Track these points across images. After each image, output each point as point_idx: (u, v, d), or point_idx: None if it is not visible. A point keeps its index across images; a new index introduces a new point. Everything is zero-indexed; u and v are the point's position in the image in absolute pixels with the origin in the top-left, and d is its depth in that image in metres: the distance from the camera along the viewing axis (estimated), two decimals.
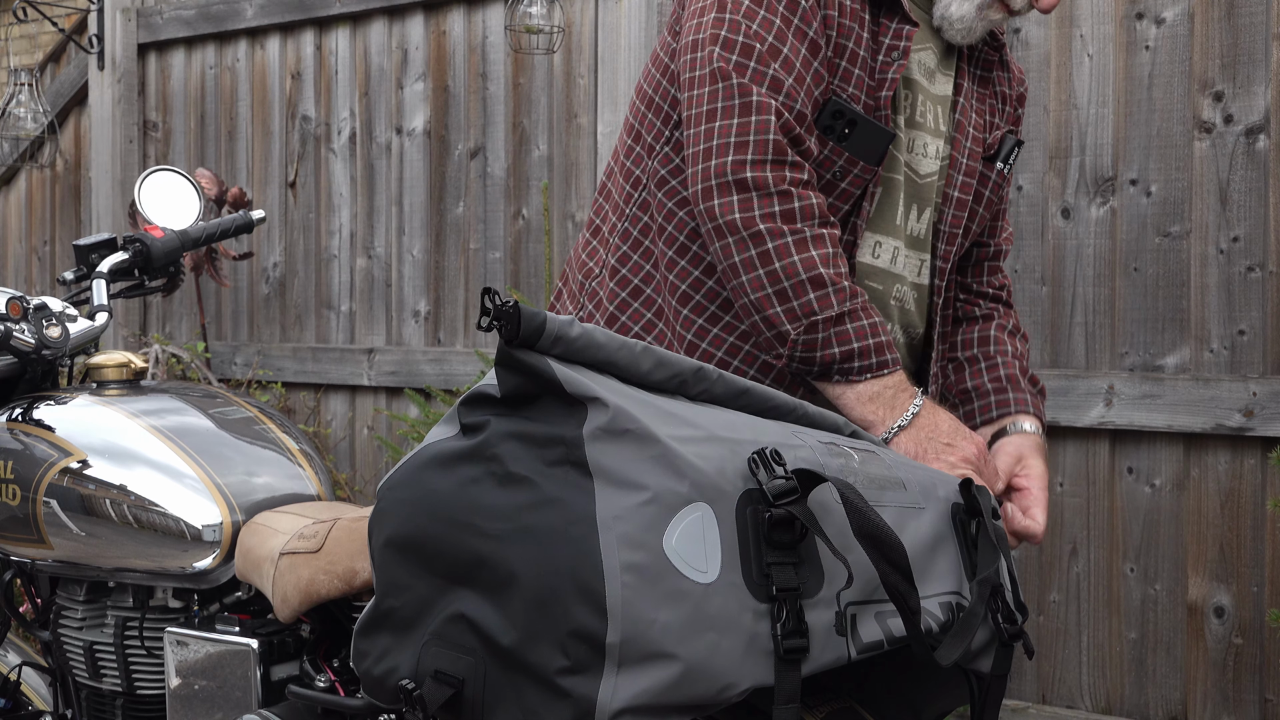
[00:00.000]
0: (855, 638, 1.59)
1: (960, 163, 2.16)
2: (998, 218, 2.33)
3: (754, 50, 1.93)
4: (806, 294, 1.90)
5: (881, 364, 1.94)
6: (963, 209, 2.17)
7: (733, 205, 1.90)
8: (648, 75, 2.14)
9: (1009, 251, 2.37)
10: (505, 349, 1.52)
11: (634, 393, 1.55)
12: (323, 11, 4.92)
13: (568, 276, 2.24)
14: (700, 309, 2.04)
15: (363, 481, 4.84)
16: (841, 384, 1.94)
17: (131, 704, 2.29)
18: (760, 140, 1.90)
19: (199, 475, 2.18)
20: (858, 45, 2.02)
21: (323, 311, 5.01)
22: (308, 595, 1.99)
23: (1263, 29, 3.28)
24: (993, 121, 2.22)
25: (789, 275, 1.89)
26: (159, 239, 2.63)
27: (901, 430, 1.94)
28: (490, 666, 1.49)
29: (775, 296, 1.90)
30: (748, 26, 1.94)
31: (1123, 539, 3.47)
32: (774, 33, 1.95)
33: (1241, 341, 3.30)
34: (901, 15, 2.05)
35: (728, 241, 1.91)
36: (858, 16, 2.02)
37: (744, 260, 1.90)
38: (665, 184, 2.06)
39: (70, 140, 5.82)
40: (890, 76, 2.03)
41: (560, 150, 4.40)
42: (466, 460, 1.53)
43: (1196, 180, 3.36)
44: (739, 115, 1.91)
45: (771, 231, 1.89)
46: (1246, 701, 3.32)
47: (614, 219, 2.15)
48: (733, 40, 1.94)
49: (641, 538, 1.44)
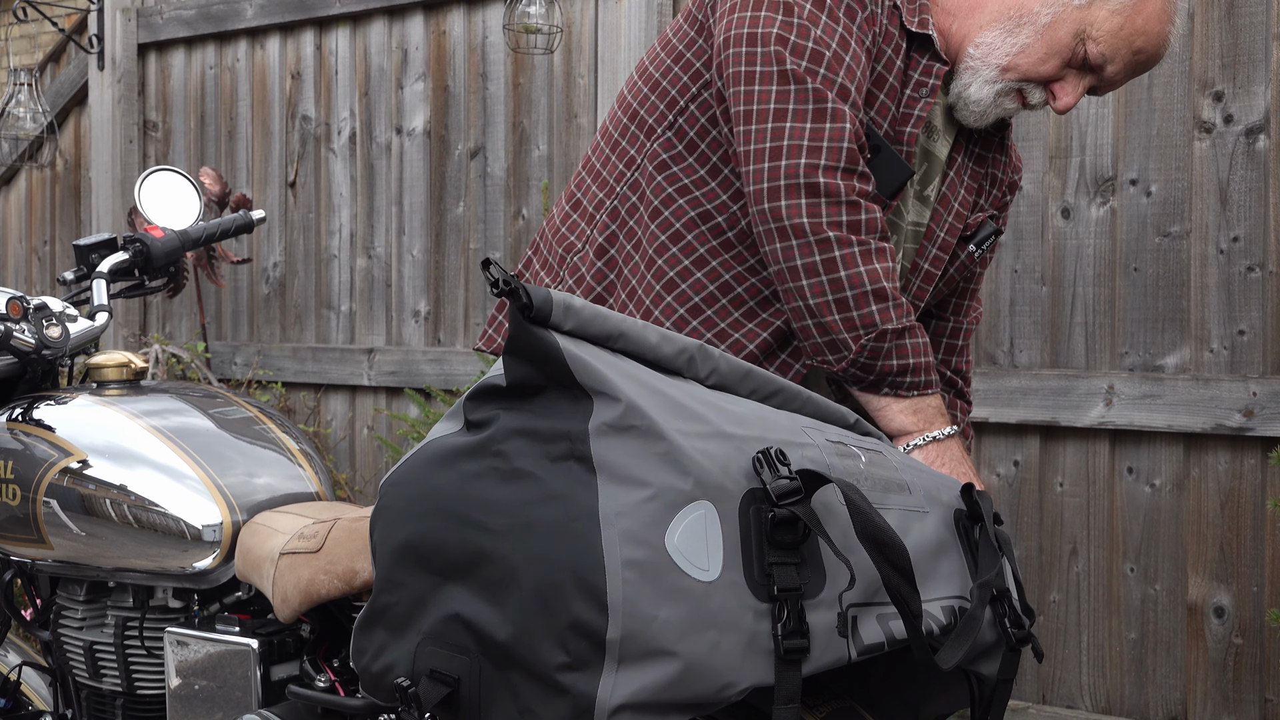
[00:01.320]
0: (856, 639, 1.58)
1: (936, 236, 2.14)
2: (965, 296, 2.29)
3: (823, 57, 1.91)
4: (869, 305, 1.88)
5: (928, 383, 1.95)
6: (929, 282, 2.15)
7: (801, 209, 1.87)
8: (654, 57, 2.10)
9: (971, 331, 2.32)
10: (515, 334, 1.52)
11: (645, 376, 1.54)
12: (323, 11, 4.92)
13: (540, 247, 2.20)
14: (684, 298, 2.02)
15: (363, 481, 4.84)
16: (889, 396, 1.94)
17: (131, 704, 2.29)
18: (835, 147, 1.87)
19: (199, 475, 2.18)
20: (888, 70, 2.00)
21: (323, 311, 5.01)
22: (308, 595, 1.99)
23: (1263, 29, 3.28)
24: (978, 202, 2.19)
25: (854, 285, 1.87)
26: (159, 239, 2.63)
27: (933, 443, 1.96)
28: (485, 665, 1.49)
29: (836, 304, 1.88)
30: (814, 32, 1.91)
31: (1123, 539, 3.47)
32: (837, 40, 1.92)
33: (1241, 341, 3.30)
34: (933, 53, 2.04)
35: (791, 244, 1.88)
36: (895, 44, 2.01)
37: (807, 265, 1.88)
38: (666, 168, 2.04)
39: (70, 140, 5.82)
40: (917, 113, 2.02)
41: (560, 150, 4.40)
42: (471, 456, 1.53)
43: (1196, 180, 3.36)
44: (813, 120, 1.88)
45: (840, 240, 1.87)
46: (1246, 701, 3.32)
47: (600, 194, 2.11)
48: (802, 45, 1.91)
49: (643, 534, 1.44)
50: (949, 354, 2.30)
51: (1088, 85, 2.09)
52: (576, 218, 2.15)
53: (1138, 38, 2.04)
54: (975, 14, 2.05)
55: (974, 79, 2.05)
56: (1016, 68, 2.04)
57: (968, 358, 2.32)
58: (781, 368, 2.03)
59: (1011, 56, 2.03)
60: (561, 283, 2.13)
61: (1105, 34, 2.03)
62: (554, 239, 2.17)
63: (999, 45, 2.04)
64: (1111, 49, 2.04)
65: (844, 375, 1.94)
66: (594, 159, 2.15)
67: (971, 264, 2.21)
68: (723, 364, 1.68)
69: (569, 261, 2.13)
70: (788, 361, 2.03)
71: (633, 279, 2.07)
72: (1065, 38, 2.03)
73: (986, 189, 2.21)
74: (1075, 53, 2.04)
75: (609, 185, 2.10)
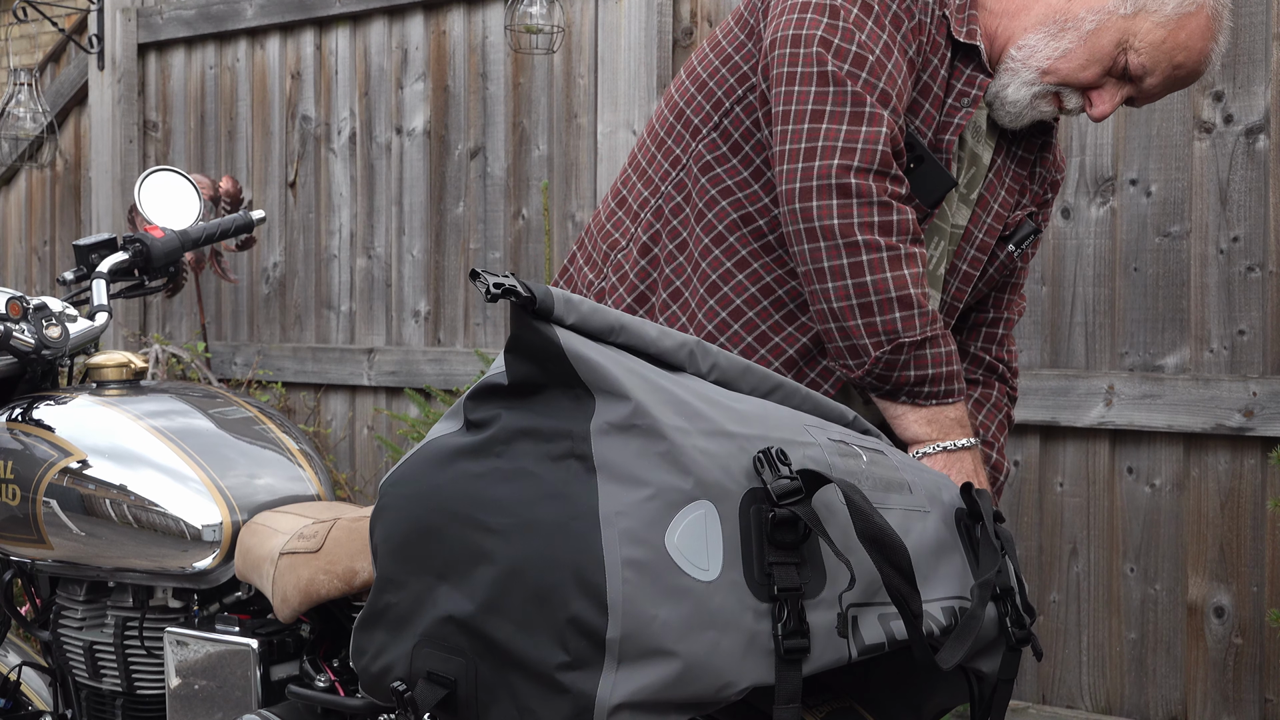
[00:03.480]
0: (856, 639, 1.59)
1: (975, 237, 2.13)
2: (1007, 290, 2.28)
3: (865, 61, 1.90)
4: (892, 313, 1.87)
5: (948, 392, 1.94)
6: (967, 283, 2.15)
7: (832, 210, 1.86)
8: (702, 58, 2.10)
9: (1015, 321, 2.31)
10: (517, 332, 1.51)
11: (648, 373, 1.54)
12: (323, 11, 4.92)
13: (585, 243, 2.21)
14: (727, 301, 2.02)
15: (363, 481, 4.84)
16: (906, 404, 1.94)
17: (131, 704, 2.29)
18: (869, 149, 1.86)
19: (199, 475, 2.18)
20: (933, 79, 2.00)
21: (323, 311, 5.01)
22: (307, 595, 2.00)
23: (1263, 29, 3.28)
24: (1019, 202, 2.18)
25: (878, 291, 1.86)
26: (159, 239, 2.63)
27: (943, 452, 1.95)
28: (481, 666, 1.49)
29: (859, 309, 1.87)
30: (859, 36, 1.91)
31: (1123, 539, 3.47)
32: (881, 46, 1.92)
33: (1241, 341, 3.30)
34: (978, 64, 2.04)
35: (819, 246, 1.87)
36: (940, 52, 2.01)
37: (834, 267, 1.87)
38: (710, 170, 2.04)
39: (70, 140, 5.82)
40: (957, 121, 2.01)
41: (560, 150, 4.40)
42: (471, 456, 1.53)
43: (1196, 180, 3.36)
44: (849, 122, 1.87)
45: (869, 244, 1.86)
46: (1246, 701, 3.32)
47: (645, 193, 2.11)
48: (845, 49, 1.90)
49: (644, 534, 1.44)
50: (988, 342, 2.28)
51: (1125, 95, 2.09)
52: (621, 215, 2.15)
53: (1179, 52, 2.04)
54: (1021, 16, 2.06)
55: (1013, 79, 2.06)
56: (1056, 71, 2.04)
57: (1010, 347, 2.30)
58: (823, 373, 2.02)
59: (1053, 60, 2.04)
60: (605, 278, 2.13)
61: (1148, 45, 2.03)
62: (599, 235, 2.18)
63: (1041, 48, 2.04)
64: (1152, 61, 2.04)
65: (862, 381, 1.93)
66: (640, 157, 2.15)
67: (1011, 263, 2.20)
68: (722, 359, 1.68)
69: (613, 258, 2.13)
70: (829, 369, 2.02)
71: (676, 279, 2.07)
72: (1108, 46, 2.03)
73: (1030, 186, 2.20)
74: (1116, 62, 2.04)
75: (654, 184, 2.11)
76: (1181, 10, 2.02)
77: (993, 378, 2.28)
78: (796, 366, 2.02)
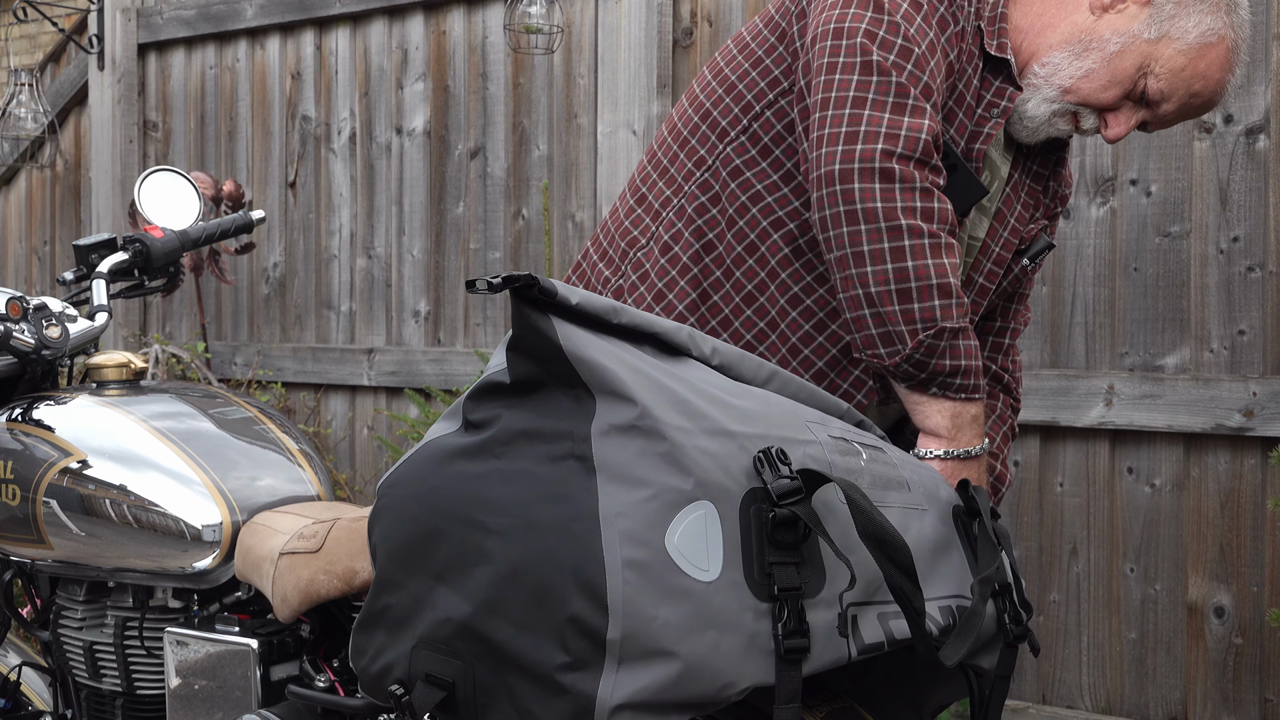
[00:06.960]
0: (856, 638, 1.59)
1: (991, 250, 2.13)
2: (1015, 300, 2.28)
3: (911, 54, 1.89)
4: (932, 299, 1.83)
5: (976, 387, 1.91)
6: (983, 295, 2.14)
7: (874, 193, 1.82)
8: (729, 58, 2.08)
9: (1020, 331, 2.31)
10: (519, 331, 1.51)
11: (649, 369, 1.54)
12: (323, 11, 4.92)
13: (600, 239, 2.19)
14: (763, 312, 2.01)
15: (363, 481, 4.84)
16: (937, 395, 1.90)
17: (131, 704, 2.29)
18: (913, 138, 1.84)
19: (199, 475, 2.18)
20: (966, 88, 2.00)
21: (323, 311, 5.01)
22: (307, 595, 2.00)
23: (1263, 29, 3.28)
24: (1034, 215, 2.18)
25: (919, 277, 1.83)
26: (159, 239, 2.63)
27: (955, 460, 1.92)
28: (479, 668, 1.49)
29: (898, 295, 1.83)
30: (907, 30, 1.90)
31: (1123, 539, 3.47)
32: (926, 43, 1.92)
33: (1241, 341, 3.30)
34: (1007, 75, 2.04)
35: (859, 229, 1.83)
36: (974, 62, 2.01)
37: (874, 251, 1.82)
38: (739, 174, 2.02)
39: (70, 140, 5.82)
40: (987, 131, 2.01)
41: (560, 150, 4.40)
42: (471, 456, 1.53)
43: (1196, 180, 3.36)
44: (893, 111, 1.85)
45: (912, 229, 1.82)
46: (1246, 701, 3.32)
47: (668, 191, 2.09)
48: (891, 40, 1.89)
49: (644, 535, 1.45)
50: (994, 352, 2.27)
51: (1140, 119, 2.10)
52: (641, 213, 2.12)
53: (1197, 81, 2.06)
54: (1046, 33, 2.06)
55: (1033, 95, 2.06)
56: (1077, 91, 2.05)
57: (1015, 357, 2.30)
58: (855, 383, 2.01)
59: (1075, 79, 2.04)
60: (623, 276, 2.11)
61: (1168, 71, 2.04)
62: (616, 232, 2.15)
63: (1064, 67, 2.04)
64: (1171, 87, 2.05)
65: (894, 370, 1.88)
66: (661, 155, 2.13)
67: (1023, 275, 2.20)
68: (720, 344, 1.68)
69: (632, 256, 2.11)
70: (861, 378, 2.01)
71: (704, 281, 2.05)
72: (1129, 69, 2.04)
73: (1044, 201, 2.20)
74: (1136, 85, 2.05)
75: (676, 183, 2.08)
76: (1204, 40, 2.03)
77: (998, 388, 2.28)
78: (827, 378, 2.00)
